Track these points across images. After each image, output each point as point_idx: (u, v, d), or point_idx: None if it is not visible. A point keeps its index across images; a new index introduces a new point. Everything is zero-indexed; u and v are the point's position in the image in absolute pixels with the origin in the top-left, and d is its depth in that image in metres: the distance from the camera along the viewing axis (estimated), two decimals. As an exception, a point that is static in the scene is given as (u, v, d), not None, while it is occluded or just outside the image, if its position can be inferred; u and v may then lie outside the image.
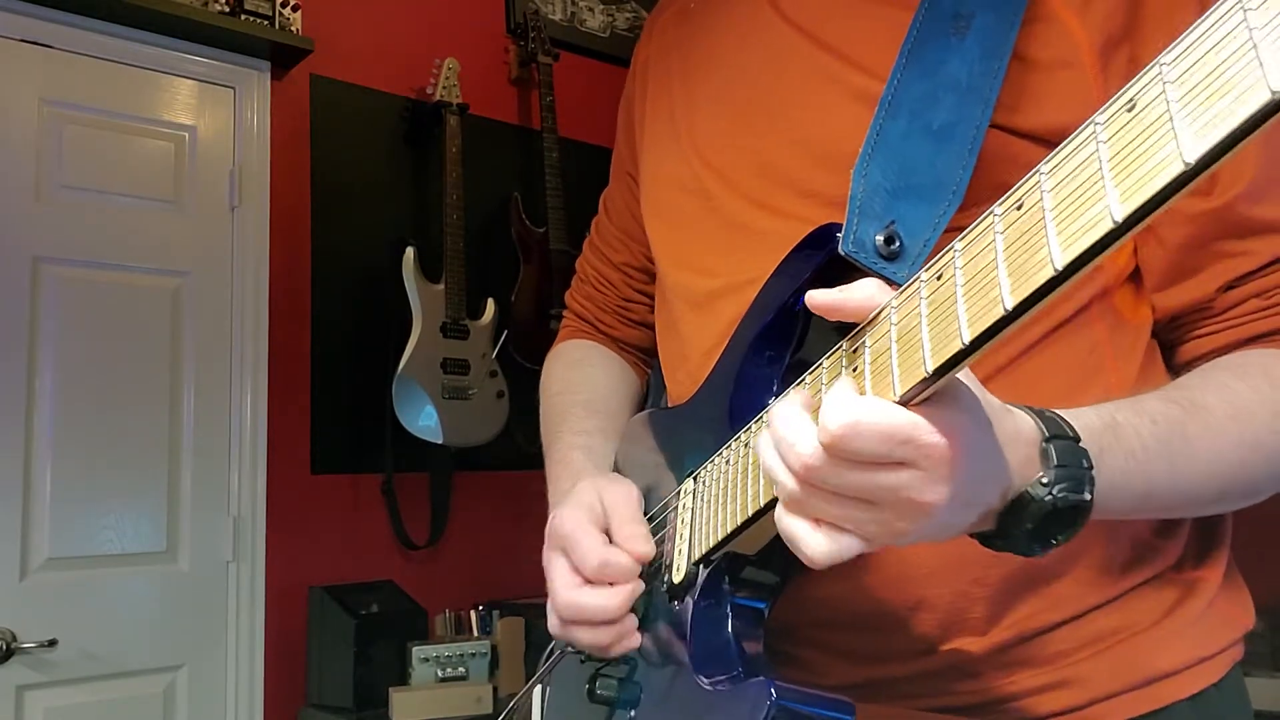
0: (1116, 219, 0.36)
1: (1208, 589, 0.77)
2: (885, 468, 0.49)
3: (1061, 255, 0.38)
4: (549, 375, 1.11)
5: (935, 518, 0.50)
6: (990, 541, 0.57)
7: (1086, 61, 0.72)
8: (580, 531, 0.77)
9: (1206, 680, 0.75)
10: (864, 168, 0.69)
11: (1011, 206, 0.43)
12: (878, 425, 0.47)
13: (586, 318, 1.16)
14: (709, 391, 0.81)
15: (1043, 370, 0.74)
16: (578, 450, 0.94)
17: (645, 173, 1.01)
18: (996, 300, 0.42)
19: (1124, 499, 0.61)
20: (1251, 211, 0.71)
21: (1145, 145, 0.36)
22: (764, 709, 0.57)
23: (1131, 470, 0.60)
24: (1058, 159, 0.41)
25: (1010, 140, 0.71)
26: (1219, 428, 0.65)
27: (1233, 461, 0.66)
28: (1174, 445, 0.63)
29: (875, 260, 0.66)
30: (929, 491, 0.49)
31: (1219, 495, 0.68)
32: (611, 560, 0.74)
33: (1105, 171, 0.37)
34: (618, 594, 0.74)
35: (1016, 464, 0.54)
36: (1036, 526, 0.54)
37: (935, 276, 0.47)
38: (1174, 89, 0.35)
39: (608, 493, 0.80)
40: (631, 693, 0.75)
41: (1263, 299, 0.72)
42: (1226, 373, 0.69)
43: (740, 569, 0.69)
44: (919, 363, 0.46)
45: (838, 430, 0.48)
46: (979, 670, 0.74)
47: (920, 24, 0.72)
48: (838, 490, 0.50)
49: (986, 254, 0.43)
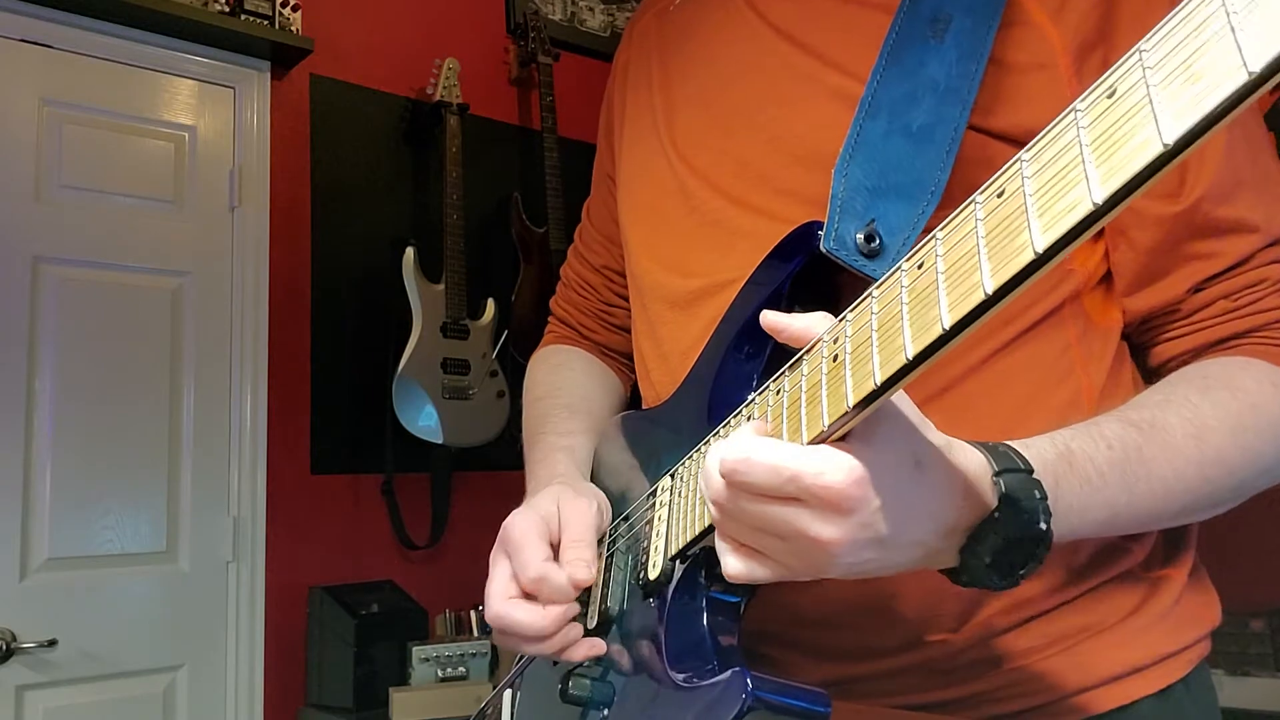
0: (1096, 201, 0.36)
1: (1174, 587, 0.78)
2: (778, 501, 0.52)
3: (1042, 238, 0.38)
4: (531, 379, 1.11)
5: (841, 555, 0.52)
6: (956, 577, 0.57)
7: (1061, 64, 0.73)
8: (526, 539, 0.76)
9: (1173, 676, 0.75)
10: (845, 167, 0.70)
11: (993, 194, 0.43)
12: (764, 461, 0.51)
13: (570, 323, 1.16)
14: (688, 390, 0.81)
15: (1014, 371, 0.75)
16: (560, 452, 0.94)
17: (624, 173, 1.01)
18: (977, 285, 0.41)
19: (1085, 524, 0.61)
20: (1217, 211, 0.71)
21: (1125, 128, 0.36)
22: (740, 701, 0.57)
23: (1088, 496, 0.61)
24: (1039, 145, 0.41)
25: (987, 142, 0.72)
26: (1178, 447, 0.65)
27: (1193, 479, 0.66)
28: (1130, 469, 0.63)
29: (856, 258, 0.67)
30: (823, 529, 0.51)
31: (1182, 511, 0.68)
32: (549, 577, 0.74)
33: (1086, 155, 0.37)
34: (548, 614, 0.74)
35: (961, 500, 0.54)
36: (994, 560, 0.54)
37: (916, 265, 0.47)
38: (1153, 73, 0.35)
39: (567, 505, 0.79)
40: (604, 692, 0.74)
41: (1230, 301, 0.72)
42: (1189, 386, 0.69)
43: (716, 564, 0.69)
44: (899, 349, 0.45)
45: (730, 463, 0.52)
46: (950, 667, 0.74)
47: (899, 26, 0.73)
48: (741, 519, 0.54)
49: (967, 241, 0.43)
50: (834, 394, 0.51)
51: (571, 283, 1.17)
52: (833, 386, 0.51)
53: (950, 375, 0.74)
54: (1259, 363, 0.71)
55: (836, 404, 0.50)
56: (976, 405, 0.75)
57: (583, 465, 0.93)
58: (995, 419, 0.74)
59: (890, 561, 0.55)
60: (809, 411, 0.53)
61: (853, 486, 0.50)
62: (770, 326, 0.60)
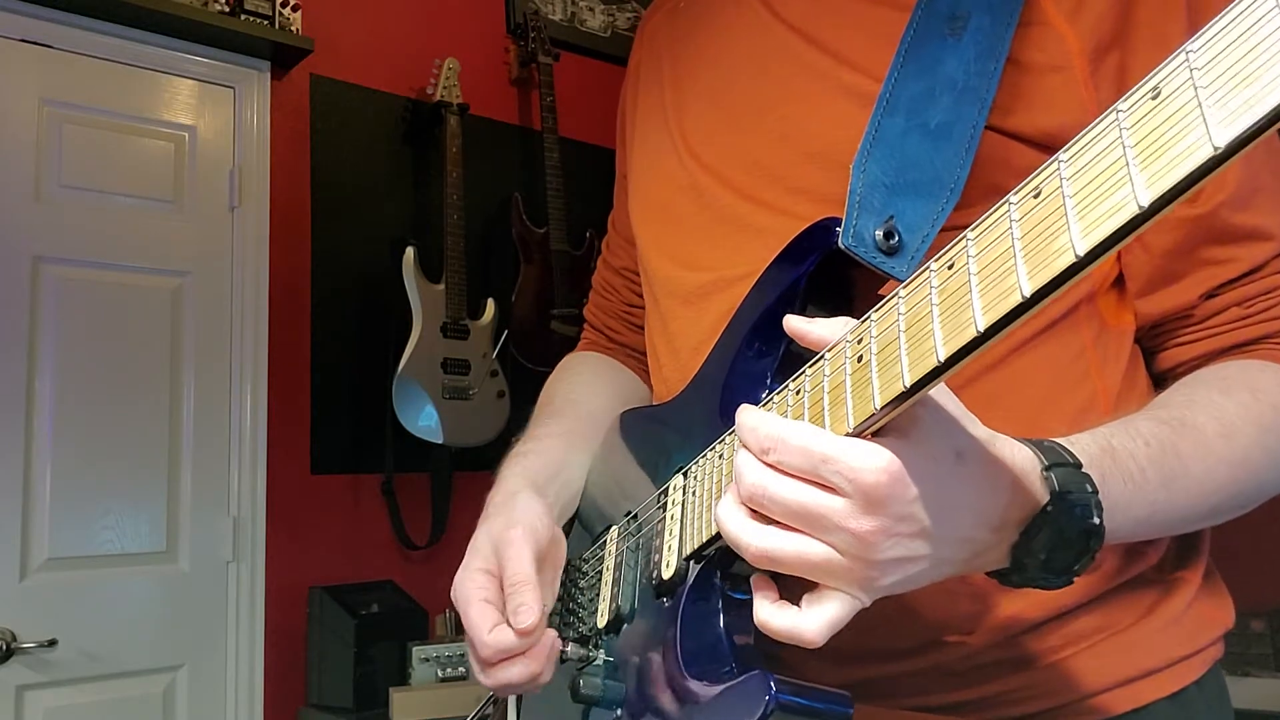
0: (1142, 204, 0.36)
1: (1188, 589, 0.78)
2: (817, 486, 0.51)
3: (1083, 241, 0.38)
4: (544, 388, 1.11)
5: (881, 549, 0.51)
6: (1007, 577, 0.56)
7: (1077, 66, 0.72)
8: (468, 607, 0.77)
9: (1187, 679, 0.75)
10: (863, 163, 0.69)
11: (1028, 195, 0.43)
12: (801, 443, 0.51)
13: (598, 327, 1.17)
14: (699, 388, 0.81)
15: (1029, 373, 0.75)
16: (516, 460, 0.92)
17: (636, 170, 1.01)
18: (1013, 288, 0.41)
19: (1126, 523, 0.61)
20: (1234, 218, 0.71)
21: (1172, 131, 0.36)
22: (763, 704, 0.56)
23: (1131, 494, 0.60)
24: (1077, 147, 0.41)
25: (1005, 142, 0.72)
26: (1209, 446, 0.65)
27: (1224, 478, 0.66)
28: (1169, 466, 0.63)
29: (874, 255, 0.66)
30: (861, 521, 0.50)
31: (1212, 512, 0.68)
32: (499, 645, 0.74)
33: (1130, 157, 0.37)
34: (530, 662, 0.75)
35: (1009, 494, 0.53)
36: (1048, 557, 0.54)
37: (946, 265, 0.47)
38: (1202, 74, 0.35)
39: (503, 545, 0.80)
40: (616, 691, 0.74)
41: (1243, 308, 0.72)
42: (1210, 388, 0.69)
43: (733, 563, 0.68)
44: (930, 351, 0.45)
45: (767, 439, 0.52)
46: (963, 669, 0.74)
47: (917, 24, 0.72)
48: (777, 498, 0.52)
49: (1002, 241, 0.43)
50: (859, 395, 0.51)
51: (599, 288, 1.18)
52: (858, 388, 0.51)
53: (964, 376, 0.74)
54: (1276, 365, 0.71)
55: (863, 405, 0.50)
56: (992, 407, 0.74)
57: (547, 467, 0.91)
58: (1010, 421, 0.74)
59: (939, 558, 0.54)
60: (833, 412, 0.53)
61: (885, 475, 0.49)
62: (794, 332, 0.60)
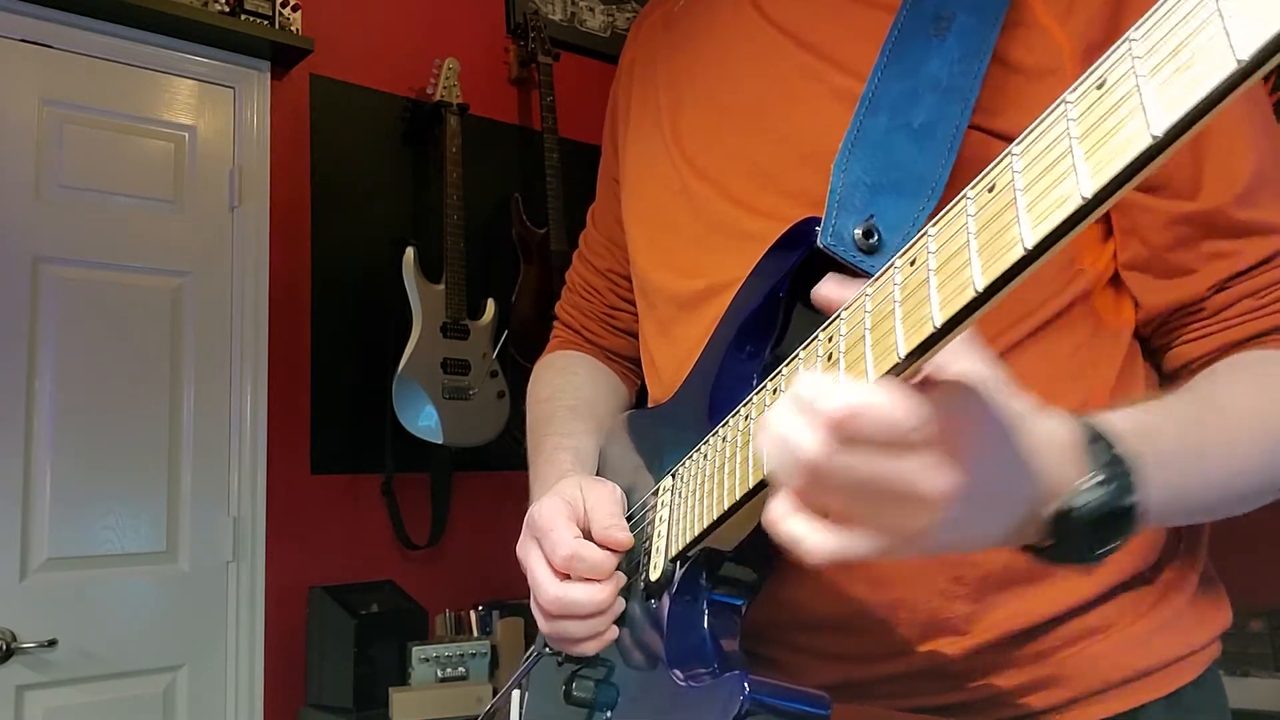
0: (1085, 195, 0.36)
1: (1185, 589, 0.77)
2: (891, 453, 0.45)
3: (1032, 234, 0.38)
4: (536, 382, 1.11)
5: (947, 511, 0.46)
6: (1043, 553, 0.55)
7: (1069, 68, 0.72)
8: (554, 522, 0.77)
9: (1183, 679, 0.75)
10: (844, 162, 0.70)
11: (983, 189, 0.42)
12: (882, 409, 0.44)
13: (574, 327, 1.16)
14: (689, 390, 0.81)
15: (1025, 371, 0.73)
16: (565, 452, 0.94)
17: (628, 174, 1.00)
18: (968, 282, 0.41)
19: (1160, 502, 0.59)
20: (1242, 214, 0.70)
21: (1114, 120, 0.35)
22: (737, 704, 0.57)
23: (1167, 473, 0.59)
24: (1029, 139, 0.40)
25: (989, 141, 0.71)
26: (1239, 427, 0.64)
27: (1255, 460, 0.65)
28: (1203, 448, 0.62)
29: (854, 254, 0.66)
30: (936, 479, 0.45)
31: (1242, 496, 0.67)
32: (582, 554, 0.74)
33: (1075, 148, 0.37)
34: (604, 587, 0.74)
35: (1052, 468, 0.52)
36: (1091, 533, 0.53)
37: (909, 262, 0.47)
38: (1142, 64, 0.34)
39: (590, 489, 0.80)
40: (608, 694, 0.74)
41: (1256, 299, 0.71)
42: (1231, 375, 0.69)
43: (718, 565, 0.68)
44: (891, 348, 0.45)
45: (840, 413, 0.44)
46: (958, 670, 0.73)
47: (902, 24, 0.72)
48: (839, 479, 0.46)
49: (959, 237, 0.43)
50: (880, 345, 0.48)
51: (576, 287, 1.16)
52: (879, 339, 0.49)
53: None
54: None
55: (885, 355, 0.47)
56: None
57: (588, 466, 0.93)
58: None
59: (986, 528, 0.52)
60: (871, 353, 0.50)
61: (973, 439, 0.47)
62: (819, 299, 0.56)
